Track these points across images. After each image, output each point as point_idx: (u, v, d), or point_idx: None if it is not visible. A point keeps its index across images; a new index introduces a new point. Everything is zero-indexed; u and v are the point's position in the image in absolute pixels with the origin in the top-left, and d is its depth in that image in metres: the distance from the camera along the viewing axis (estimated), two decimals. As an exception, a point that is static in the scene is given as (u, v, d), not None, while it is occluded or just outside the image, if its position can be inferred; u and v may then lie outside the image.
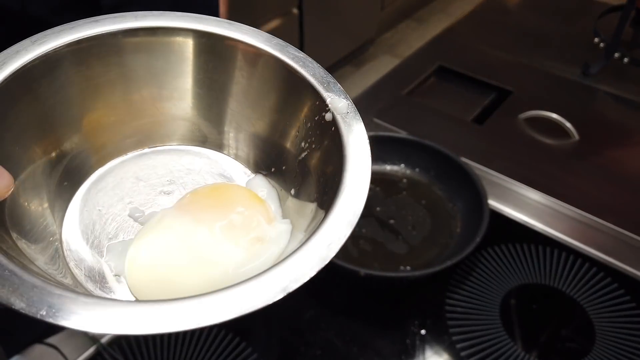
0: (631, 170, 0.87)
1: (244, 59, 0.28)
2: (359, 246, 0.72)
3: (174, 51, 0.28)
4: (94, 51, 0.27)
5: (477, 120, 1.00)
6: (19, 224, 0.24)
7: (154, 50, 0.28)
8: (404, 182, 0.81)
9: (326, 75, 0.28)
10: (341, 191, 0.24)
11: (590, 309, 0.66)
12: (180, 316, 0.21)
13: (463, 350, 0.62)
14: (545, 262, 0.71)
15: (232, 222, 0.26)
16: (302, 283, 0.24)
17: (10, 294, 0.21)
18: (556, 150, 0.91)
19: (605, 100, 1.03)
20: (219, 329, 0.64)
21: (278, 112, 0.28)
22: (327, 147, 0.26)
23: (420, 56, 1.15)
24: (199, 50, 0.28)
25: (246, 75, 0.28)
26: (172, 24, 0.27)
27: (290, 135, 0.28)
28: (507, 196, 0.82)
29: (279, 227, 0.27)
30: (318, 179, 0.27)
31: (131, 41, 0.27)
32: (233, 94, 0.29)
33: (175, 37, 0.27)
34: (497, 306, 0.67)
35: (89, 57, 0.27)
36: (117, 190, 0.29)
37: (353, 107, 0.26)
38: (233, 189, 0.29)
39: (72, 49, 0.26)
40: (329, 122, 0.26)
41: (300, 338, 0.63)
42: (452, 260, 0.64)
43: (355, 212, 0.23)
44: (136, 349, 0.62)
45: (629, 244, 0.74)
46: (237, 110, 0.29)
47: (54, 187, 0.27)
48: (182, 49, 0.28)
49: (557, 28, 1.24)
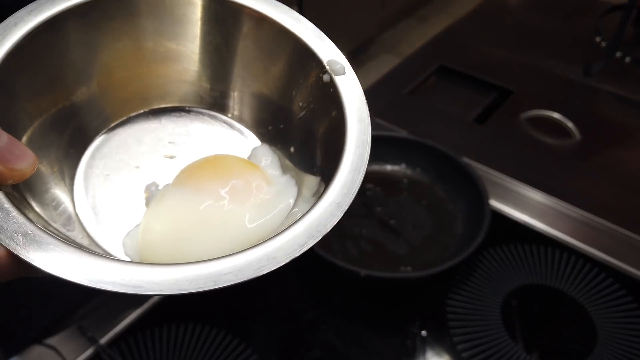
0: (633, 170, 0.87)
1: (247, 23, 0.29)
2: (359, 247, 0.72)
3: (181, 13, 0.28)
4: (96, 13, 0.26)
5: (478, 120, 0.99)
6: (33, 189, 0.25)
7: (160, 11, 0.28)
8: (404, 182, 0.81)
9: (323, 38, 0.29)
10: (345, 151, 0.24)
11: (592, 310, 0.66)
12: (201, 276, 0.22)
13: (464, 352, 0.62)
14: (546, 263, 0.71)
15: (234, 187, 0.27)
16: (319, 239, 0.24)
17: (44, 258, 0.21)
18: (557, 150, 0.90)
19: (607, 99, 1.03)
20: (218, 330, 0.63)
21: (278, 73, 0.29)
22: (326, 107, 0.27)
23: (421, 55, 1.15)
24: (205, 13, 0.28)
25: (248, 39, 0.29)
26: None
27: (289, 95, 0.29)
28: (508, 196, 0.81)
29: (282, 183, 0.28)
30: (320, 139, 0.28)
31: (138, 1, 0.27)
32: (235, 56, 0.30)
33: None
34: (499, 307, 0.66)
35: (93, 19, 0.27)
36: (121, 155, 0.29)
37: (350, 68, 0.27)
38: (226, 158, 0.30)
39: (74, 11, 0.26)
40: (327, 83, 0.27)
41: (300, 339, 0.63)
42: (453, 260, 0.63)
43: (360, 169, 0.24)
44: (135, 350, 0.62)
45: (631, 244, 0.74)
46: (238, 72, 0.30)
47: (62, 153, 0.28)
48: (189, 11, 0.28)
49: (558, 27, 1.23)
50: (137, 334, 0.63)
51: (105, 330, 0.64)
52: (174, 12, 0.28)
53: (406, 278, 0.68)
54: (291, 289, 0.70)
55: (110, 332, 0.64)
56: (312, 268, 0.71)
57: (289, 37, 0.28)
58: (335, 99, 0.26)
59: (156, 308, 0.66)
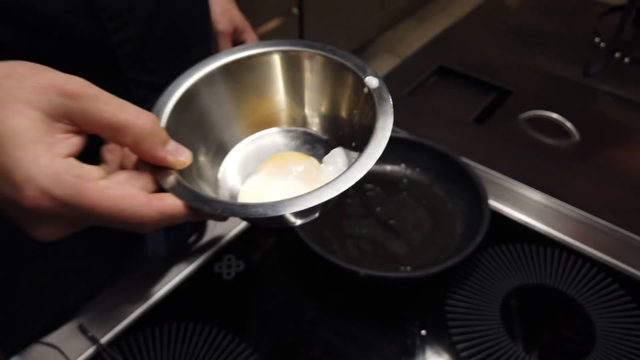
0: (632, 170, 0.87)
1: (308, 62, 0.42)
2: (359, 246, 0.72)
3: (269, 65, 0.42)
4: (231, 70, 0.41)
5: (477, 120, 1.00)
6: (194, 172, 0.38)
7: (259, 66, 0.42)
8: (404, 182, 0.81)
9: (363, 63, 0.40)
10: (374, 135, 0.37)
11: (591, 309, 0.66)
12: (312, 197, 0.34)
13: (463, 351, 0.62)
14: (545, 262, 0.71)
15: (295, 171, 0.41)
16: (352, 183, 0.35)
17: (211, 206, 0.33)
18: (557, 150, 0.91)
19: (606, 100, 1.03)
20: (219, 329, 0.64)
21: (336, 94, 0.42)
22: (367, 110, 0.39)
23: (421, 56, 1.15)
24: (282, 62, 0.42)
25: (312, 72, 0.42)
26: (265, 49, 0.42)
27: (346, 107, 0.42)
28: (507, 196, 0.81)
29: (325, 169, 0.41)
30: (360, 131, 0.40)
31: (248, 61, 0.41)
32: (306, 86, 0.43)
33: (268, 57, 0.42)
34: (498, 306, 0.66)
35: (230, 75, 0.41)
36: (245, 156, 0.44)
37: (383, 83, 0.39)
38: (289, 154, 0.43)
39: (220, 70, 0.41)
40: (367, 94, 0.39)
41: (300, 338, 0.63)
42: (452, 260, 0.64)
43: (381, 146, 0.37)
44: (135, 349, 0.62)
45: (630, 244, 0.74)
46: (310, 96, 0.43)
47: (210, 155, 0.42)
48: (273, 63, 0.42)
49: (557, 28, 1.24)
50: (138, 333, 0.63)
51: (106, 329, 0.64)
52: (270, 67, 0.42)
53: (405, 278, 0.68)
54: (291, 288, 0.70)
55: (111, 331, 0.64)
56: (312, 268, 0.71)
57: (337, 65, 0.41)
58: (372, 104, 0.38)
59: (157, 307, 0.67)
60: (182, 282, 0.69)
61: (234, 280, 0.70)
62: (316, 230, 0.74)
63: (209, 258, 0.72)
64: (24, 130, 0.27)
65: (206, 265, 0.71)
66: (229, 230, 0.76)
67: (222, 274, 0.70)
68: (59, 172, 0.28)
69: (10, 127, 0.27)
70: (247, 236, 0.75)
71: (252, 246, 0.74)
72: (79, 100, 0.29)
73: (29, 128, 0.27)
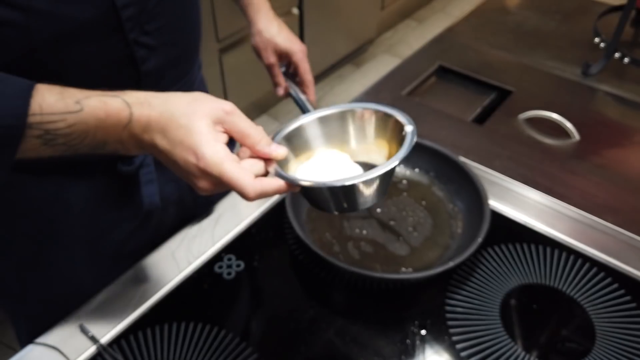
0: (632, 170, 0.87)
1: (369, 116, 0.59)
2: (360, 248, 0.72)
3: (342, 118, 0.60)
4: (319, 120, 0.60)
5: (477, 120, 1.00)
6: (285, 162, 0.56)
7: (335, 119, 0.60)
8: (404, 183, 0.81)
9: (403, 113, 0.56)
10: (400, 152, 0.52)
11: (591, 309, 0.66)
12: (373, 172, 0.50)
13: (463, 351, 0.62)
14: (545, 262, 0.72)
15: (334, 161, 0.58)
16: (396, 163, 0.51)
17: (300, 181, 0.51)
18: (556, 150, 0.91)
19: (606, 100, 1.03)
20: (219, 329, 0.64)
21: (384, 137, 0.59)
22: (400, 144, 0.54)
23: (421, 56, 1.16)
24: (350, 117, 0.59)
25: (370, 122, 0.59)
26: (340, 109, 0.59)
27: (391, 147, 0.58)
28: (507, 196, 0.82)
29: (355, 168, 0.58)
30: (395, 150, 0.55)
31: (328, 116, 0.60)
32: (362, 131, 0.60)
33: (341, 113, 0.59)
34: (497, 306, 0.67)
35: (318, 123, 0.60)
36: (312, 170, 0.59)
37: (414, 127, 0.54)
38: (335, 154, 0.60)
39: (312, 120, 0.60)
40: (404, 135, 0.54)
41: (300, 338, 0.64)
42: (453, 261, 0.64)
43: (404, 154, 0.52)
44: (136, 349, 0.62)
45: (629, 244, 0.74)
46: (366, 138, 0.60)
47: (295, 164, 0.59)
48: (344, 117, 0.60)
49: (557, 28, 1.24)
50: (138, 333, 0.64)
51: (106, 329, 0.64)
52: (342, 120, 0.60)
53: (407, 279, 0.68)
54: (291, 288, 0.70)
55: (111, 331, 0.64)
56: (312, 268, 0.71)
57: (387, 117, 0.57)
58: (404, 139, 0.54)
59: (157, 307, 0.67)
60: (183, 281, 0.70)
61: (234, 280, 0.70)
62: (318, 233, 0.74)
63: (209, 258, 0.72)
64: (203, 127, 0.48)
65: (207, 265, 0.72)
66: (229, 231, 0.76)
67: (222, 273, 0.71)
68: (220, 152, 0.48)
69: (197, 126, 0.48)
70: (247, 237, 0.76)
71: (252, 246, 0.74)
72: (230, 115, 0.50)
73: (206, 126, 0.49)
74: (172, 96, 0.50)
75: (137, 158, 0.67)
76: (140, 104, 0.49)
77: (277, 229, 0.76)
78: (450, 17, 3.17)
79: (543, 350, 0.62)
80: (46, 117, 0.46)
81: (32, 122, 0.45)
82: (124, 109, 0.48)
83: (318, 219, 0.76)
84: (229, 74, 1.99)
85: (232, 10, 1.93)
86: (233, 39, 1.94)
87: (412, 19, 3.19)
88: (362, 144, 0.60)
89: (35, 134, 0.45)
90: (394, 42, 2.99)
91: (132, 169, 0.67)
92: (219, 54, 1.90)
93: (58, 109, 0.46)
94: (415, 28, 3.11)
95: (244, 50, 2.00)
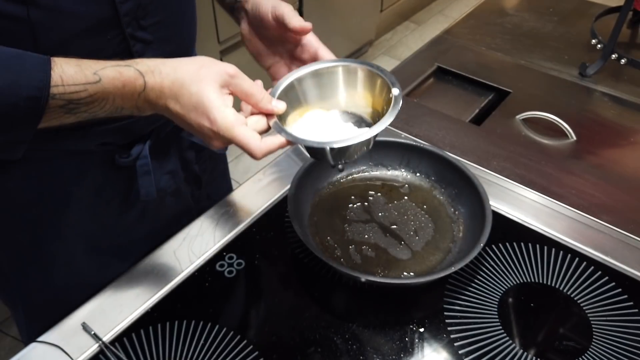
0: (628, 170, 0.88)
1: (356, 72, 0.63)
2: (362, 253, 0.72)
3: (335, 72, 0.64)
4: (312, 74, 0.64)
5: (475, 121, 1.00)
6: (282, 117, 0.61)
7: (325, 74, 0.64)
8: (405, 187, 0.81)
9: (391, 75, 0.61)
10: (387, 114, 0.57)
11: (588, 308, 0.67)
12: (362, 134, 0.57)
13: (461, 348, 0.63)
14: (542, 261, 0.72)
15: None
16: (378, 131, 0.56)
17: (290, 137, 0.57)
18: (553, 151, 0.91)
19: (602, 101, 1.04)
20: (220, 327, 0.64)
21: (371, 93, 0.64)
22: (388, 104, 0.59)
23: (419, 57, 1.16)
24: (342, 71, 0.64)
25: (358, 78, 0.64)
26: (331, 64, 0.64)
27: (378, 103, 0.63)
28: (504, 196, 0.82)
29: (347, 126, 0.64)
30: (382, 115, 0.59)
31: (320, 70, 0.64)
32: (353, 86, 0.64)
33: (334, 68, 0.64)
34: (495, 305, 0.67)
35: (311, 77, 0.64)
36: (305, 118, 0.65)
37: (401, 90, 0.59)
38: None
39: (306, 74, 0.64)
40: (392, 97, 0.59)
41: (300, 336, 0.64)
42: (455, 266, 0.64)
43: (388, 121, 0.57)
44: (138, 347, 0.63)
45: (625, 242, 0.75)
46: (355, 93, 0.64)
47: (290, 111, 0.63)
48: (335, 71, 0.64)
49: (554, 29, 1.25)
50: (141, 331, 0.64)
51: (108, 327, 0.65)
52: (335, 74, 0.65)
53: (409, 284, 0.68)
54: (292, 288, 0.70)
55: (114, 329, 0.64)
56: (313, 268, 0.72)
57: (375, 76, 0.62)
58: (390, 101, 0.59)
59: (159, 305, 0.67)
60: (185, 280, 0.70)
61: (235, 279, 0.70)
62: (319, 236, 0.74)
63: (210, 256, 0.73)
64: (213, 94, 0.53)
65: (208, 263, 0.72)
66: (231, 230, 0.77)
67: (223, 272, 0.71)
68: (229, 116, 0.53)
69: (207, 93, 0.52)
70: (248, 235, 0.76)
71: (253, 245, 0.75)
72: (234, 78, 0.55)
73: (215, 92, 0.53)
74: (180, 63, 0.54)
75: (133, 150, 0.69)
76: (152, 72, 0.53)
77: (277, 229, 0.77)
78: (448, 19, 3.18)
79: (541, 348, 0.63)
80: (68, 87, 0.49)
81: (56, 93, 0.49)
82: (138, 77, 0.52)
83: (320, 222, 0.76)
84: (228, 75, 2.00)
85: (232, 12, 1.90)
86: (234, 41, 1.95)
87: (410, 21, 3.20)
88: (352, 97, 0.65)
89: (59, 104, 0.49)
90: (392, 44, 3.00)
91: (129, 161, 0.69)
92: (220, 56, 1.91)
93: (79, 80, 0.50)
94: (413, 30, 3.12)
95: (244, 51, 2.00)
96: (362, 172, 0.83)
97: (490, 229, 0.68)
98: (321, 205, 0.78)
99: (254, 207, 0.80)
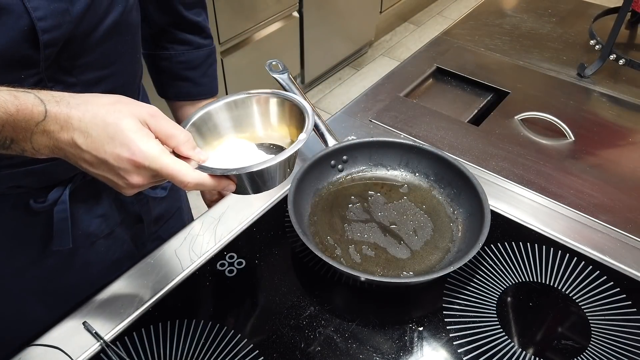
0: (626, 170, 0.88)
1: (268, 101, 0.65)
2: (361, 252, 0.73)
3: (251, 103, 0.65)
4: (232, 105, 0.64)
5: (473, 121, 1.01)
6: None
7: (243, 104, 0.65)
8: (404, 187, 0.82)
9: (302, 98, 0.63)
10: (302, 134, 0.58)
11: (586, 307, 0.67)
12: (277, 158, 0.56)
13: (460, 347, 0.63)
14: (541, 261, 0.72)
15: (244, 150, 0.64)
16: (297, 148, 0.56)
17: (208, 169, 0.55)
18: (551, 151, 0.92)
19: (601, 101, 1.04)
20: (221, 326, 0.65)
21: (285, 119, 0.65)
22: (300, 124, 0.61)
23: (418, 58, 1.17)
24: (256, 101, 0.65)
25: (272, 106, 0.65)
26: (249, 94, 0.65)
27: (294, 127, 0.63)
28: (503, 196, 0.83)
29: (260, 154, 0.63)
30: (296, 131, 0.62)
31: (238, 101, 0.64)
32: (266, 115, 0.65)
33: (253, 98, 0.65)
34: (494, 304, 0.68)
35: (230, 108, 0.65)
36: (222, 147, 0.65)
37: (312, 113, 0.61)
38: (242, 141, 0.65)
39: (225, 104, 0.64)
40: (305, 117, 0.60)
41: (300, 335, 0.64)
42: (454, 265, 0.64)
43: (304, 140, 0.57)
44: (139, 346, 0.63)
45: (623, 242, 0.75)
46: (269, 122, 0.65)
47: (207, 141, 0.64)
48: (250, 102, 0.65)
49: (553, 30, 1.25)
50: (142, 330, 0.64)
51: (109, 326, 0.65)
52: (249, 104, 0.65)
53: (408, 283, 0.69)
54: (291, 286, 0.71)
55: (115, 328, 0.65)
56: (313, 267, 0.72)
57: (285, 102, 0.64)
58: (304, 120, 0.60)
59: (160, 304, 0.68)
60: (186, 279, 0.71)
61: (235, 278, 0.71)
62: (319, 236, 0.74)
63: (211, 256, 0.73)
64: (133, 125, 0.48)
65: (209, 263, 0.73)
66: (231, 230, 0.77)
67: (224, 271, 0.72)
68: (156, 147, 0.49)
69: (126, 123, 0.48)
70: (248, 235, 0.77)
71: (253, 245, 0.75)
72: (154, 118, 0.51)
73: (135, 124, 0.49)
74: (92, 96, 0.50)
75: (50, 195, 0.64)
76: (56, 102, 0.47)
77: (278, 228, 0.77)
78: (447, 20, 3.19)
79: (539, 347, 0.63)
80: None
81: None
82: (38, 104, 0.46)
83: (320, 222, 0.76)
84: (229, 75, 2.00)
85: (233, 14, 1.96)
86: (234, 42, 1.95)
87: (410, 22, 3.21)
88: (267, 126, 0.65)
89: None
90: (392, 45, 3.00)
91: (45, 207, 0.64)
92: (220, 56, 1.92)
93: None
94: (413, 31, 3.13)
95: (244, 52, 2.01)
96: (361, 172, 0.84)
97: (488, 229, 0.68)
98: (321, 205, 0.79)
99: (254, 207, 0.81)
